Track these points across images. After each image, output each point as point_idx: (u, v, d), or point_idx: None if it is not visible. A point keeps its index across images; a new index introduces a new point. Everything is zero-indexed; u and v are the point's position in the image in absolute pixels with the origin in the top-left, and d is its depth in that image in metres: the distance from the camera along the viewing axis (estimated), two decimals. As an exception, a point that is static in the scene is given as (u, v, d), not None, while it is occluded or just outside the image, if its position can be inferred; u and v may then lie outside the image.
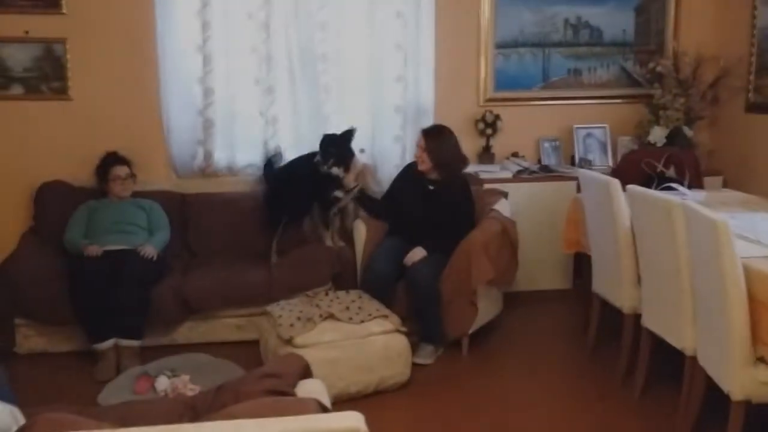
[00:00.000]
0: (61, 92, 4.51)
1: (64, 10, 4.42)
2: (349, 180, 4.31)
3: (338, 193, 4.33)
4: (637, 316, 3.47)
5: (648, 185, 3.80)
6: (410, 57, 4.76)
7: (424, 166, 4.08)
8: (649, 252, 3.29)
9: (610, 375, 3.65)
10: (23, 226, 4.44)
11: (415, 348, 3.75)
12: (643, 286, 3.39)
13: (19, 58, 4.44)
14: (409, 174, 4.21)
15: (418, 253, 3.96)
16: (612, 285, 3.67)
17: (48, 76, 4.49)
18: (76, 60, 4.49)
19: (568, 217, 4.19)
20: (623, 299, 3.56)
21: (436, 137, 4.07)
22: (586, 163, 4.94)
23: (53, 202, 4.35)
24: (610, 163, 5.03)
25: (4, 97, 4.47)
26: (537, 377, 3.74)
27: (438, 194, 4.08)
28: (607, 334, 3.90)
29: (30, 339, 3.97)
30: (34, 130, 4.52)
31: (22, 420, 1.94)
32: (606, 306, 3.81)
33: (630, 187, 3.37)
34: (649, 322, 3.35)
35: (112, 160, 4.28)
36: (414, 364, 3.66)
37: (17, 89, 4.48)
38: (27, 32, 4.40)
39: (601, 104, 5.15)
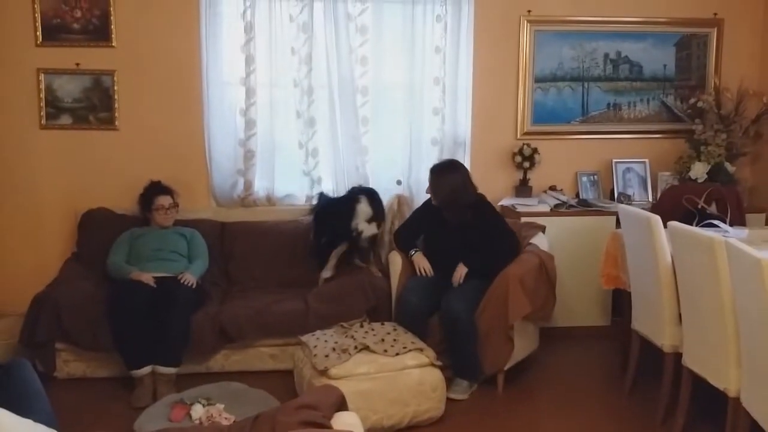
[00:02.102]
0: (108, 122, 4.65)
1: (114, 44, 4.57)
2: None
3: (359, 224, 4.38)
4: (678, 355, 3.40)
5: (689, 221, 3.75)
6: (448, 90, 4.81)
7: (434, 201, 4.10)
8: (690, 289, 3.23)
9: (649, 415, 3.56)
10: (67, 253, 4.54)
11: (449, 383, 3.72)
12: (684, 325, 3.33)
13: (69, 89, 4.60)
14: (431, 208, 4.22)
15: (460, 270, 3.96)
16: (652, 323, 3.61)
17: (96, 106, 4.63)
18: (124, 91, 4.63)
19: (606, 253, 4.14)
20: (664, 338, 3.49)
21: (440, 175, 4.08)
22: (625, 198, 4.89)
23: (96, 229, 4.45)
24: (650, 198, 4.97)
25: (53, 126, 4.61)
26: (573, 416, 3.67)
27: (459, 227, 4.07)
28: (646, 373, 3.82)
29: (69, 364, 4.04)
30: (81, 159, 4.65)
31: (63, 444, 1.96)
32: (645, 344, 3.74)
33: (671, 223, 3.32)
34: (690, 361, 3.28)
35: (156, 189, 4.37)
36: (448, 399, 3.63)
37: (66, 119, 4.63)
38: (78, 64, 4.56)
39: (641, 139, 5.12)
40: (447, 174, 4.07)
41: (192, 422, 3.27)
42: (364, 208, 4.38)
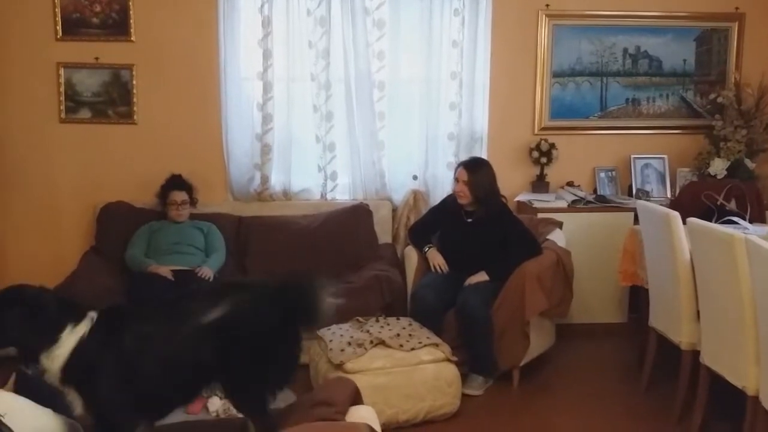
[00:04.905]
0: (127, 116, 4.67)
1: (132, 38, 4.59)
2: None
3: None
4: (696, 353, 3.38)
5: (708, 218, 3.72)
6: (465, 85, 4.79)
7: (465, 199, 4.06)
8: (709, 286, 3.20)
9: (666, 413, 3.54)
10: (85, 246, 4.58)
11: (464, 378, 3.72)
12: (702, 322, 3.30)
13: (88, 83, 4.63)
14: (447, 207, 4.20)
15: (481, 277, 3.95)
16: (670, 320, 3.58)
17: (115, 101, 4.66)
18: (142, 86, 4.65)
19: (624, 249, 4.12)
20: (681, 335, 3.47)
21: (477, 171, 4.04)
22: (643, 194, 4.85)
23: (115, 223, 4.49)
24: (669, 194, 4.93)
25: (72, 120, 4.65)
26: (589, 413, 3.65)
27: (477, 226, 4.05)
28: (663, 370, 3.79)
29: (88, 355, 4.07)
30: (99, 153, 4.69)
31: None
32: (663, 341, 3.71)
33: (690, 220, 3.30)
34: (708, 359, 3.25)
35: (173, 184, 4.39)
36: (464, 395, 3.63)
37: (85, 113, 4.66)
38: (97, 59, 4.59)
39: (660, 134, 5.07)
40: (483, 169, 4.06)
41: (209, 415, 3.29)
42: None
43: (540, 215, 4.52)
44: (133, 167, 4.69)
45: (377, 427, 2.18)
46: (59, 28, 4.54)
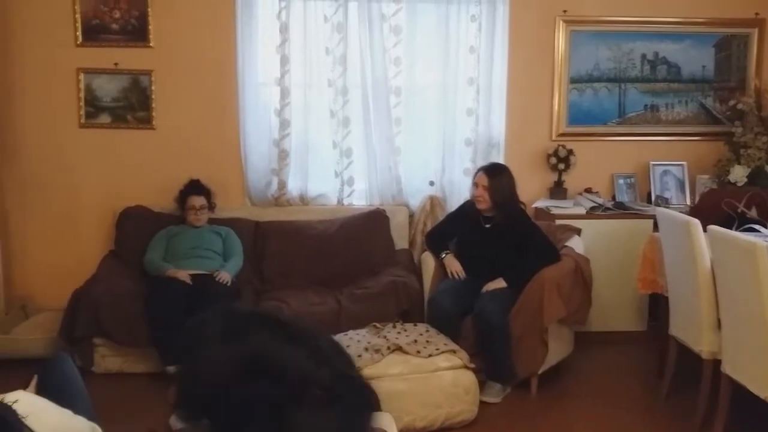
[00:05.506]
0: (146, 122, 4.71)
1: (151, 44, 4.63)
2: None
3: None
4: (717, 362, 3.33)
5: (728, 226, 3.68)
6: (482, 91, 4.78)
7: (484, 204, 4.04)
8: (730, 295, 3.17)
9: (686, 423, 3.50)
10: (105, 250, 4.61)
11: (482, 385, 3.70)
12: (723, 331, 3.26)
13: (108, 89, 4.67)
14: (466, 212, 4.19)
15: (498, 284, 3.92)
16: (690, 328, 3.54)
17: (134, 106, 4.70)
18: (161, 91, 4.68)
19: (644, 256, 4.08)
20: (702, 344, 3.43)
21: (497, 176, 4.03)
22: (662, 201, 4.81)
23: (134, 227, 4.51)
24: (688, 201, 4.89)
25: (92, 125, 4.69)
26: (608, 422, 3.62)
27: (495, 232, 4.03)
28: (683, 379, 3.75)
29: (107, 359, 4.10)
30: (119, 158, 4.72)
31: (103, 438, 1.99)
32: (683, 350, 3.67)
33: (711, 227, 3.26)
34: (729, 368, 3.21)
35: (191, 189, 4.41)
36: (481, 402, 3.61)
37: (105, 118, 4.70)
38: (116, 64, 4.63)
39: (679, 141, 5.03)
40: (503, 174, 4.05)
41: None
42: None
43: (558, 222, 4.49)
44: (152, 172, 4.72)
45: (396, 434, 2.16)
46: (79, 34, 4.58)
